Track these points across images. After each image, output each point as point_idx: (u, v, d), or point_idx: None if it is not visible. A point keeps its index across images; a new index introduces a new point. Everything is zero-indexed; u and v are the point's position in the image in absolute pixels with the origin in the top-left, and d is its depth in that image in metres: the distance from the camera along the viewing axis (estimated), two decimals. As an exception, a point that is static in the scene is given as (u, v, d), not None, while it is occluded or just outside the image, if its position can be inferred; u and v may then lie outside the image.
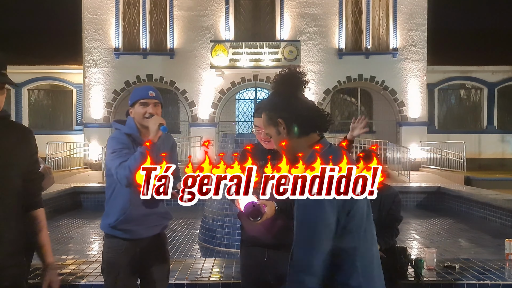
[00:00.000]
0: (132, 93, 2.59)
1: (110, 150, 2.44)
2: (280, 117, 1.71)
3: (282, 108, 1.71)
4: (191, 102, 16.29)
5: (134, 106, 2.52)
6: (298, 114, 1.69)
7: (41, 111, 17.95)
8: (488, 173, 14.08)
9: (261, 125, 2.40)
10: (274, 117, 1.72)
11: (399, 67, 16.21)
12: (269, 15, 16.55)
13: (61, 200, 8.84)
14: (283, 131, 1.71)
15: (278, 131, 1.72)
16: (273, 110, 1.74)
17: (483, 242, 6.54)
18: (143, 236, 2.54)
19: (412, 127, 16.14)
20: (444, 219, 8.30)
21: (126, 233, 2.50)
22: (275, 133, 1.74)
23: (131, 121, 2.54)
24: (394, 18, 16.20)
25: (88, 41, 16.18)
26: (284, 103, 1.72)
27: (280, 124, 1.70)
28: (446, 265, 3.98)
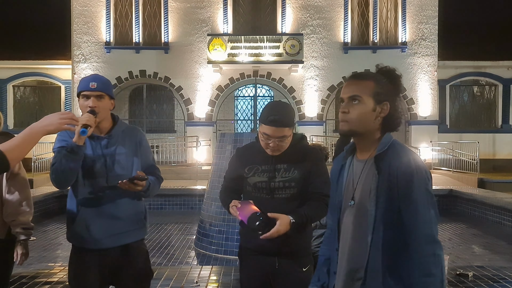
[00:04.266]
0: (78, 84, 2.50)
1: (53, 150, 2.41)
2: (389, 101, 1.78)
3: (394, 97, 1.81)
4: (187, 99, 16.30)
5: (79, 98, 2.45)
6: (399, 115, 1.82)
7: (27, 109, 17.93)
8: (503, 175, 14.07)
9: (274, 134, 2.37)
10: (383, 97, 1.78)
11: (408, 62, 16.21)
12: (270, 7, 16.55)
13: (48, 203, 8.84)
14: (379, 113, 1.77)
15: (374, 108, 1.76)
16: (385, 90, 1.78)
17: (497, 248, 6.54)
18: (106, 246, 2.42)
19: (422, 126, 16.15)
20: (456, 223, 8.30)
21: (85, 242, 2.41)
22: (369, 108, 1.76)
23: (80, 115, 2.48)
24: (403, 10, 16.20)
25: (77, 34, 16.19)
26: (397, 95, 1.83)
27: (384, 106, 1.77)
28: (458, 273, 3.98)
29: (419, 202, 1.67)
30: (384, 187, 1.70)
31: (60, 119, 1.88)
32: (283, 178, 2.45)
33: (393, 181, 1.69)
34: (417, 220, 1.67)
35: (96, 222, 2.39)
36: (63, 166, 2.27)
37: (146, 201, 2.67)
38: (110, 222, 2.41)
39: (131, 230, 2.51)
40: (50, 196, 9.01)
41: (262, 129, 2.42)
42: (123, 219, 2.45)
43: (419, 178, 1.68)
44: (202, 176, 12.37)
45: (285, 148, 2.45)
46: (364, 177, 1.78)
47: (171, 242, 6.78)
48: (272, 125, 2.36)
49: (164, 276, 4.03)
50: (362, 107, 1.76)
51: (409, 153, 1.75)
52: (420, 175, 1.69)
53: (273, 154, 2.46)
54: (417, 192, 1.67)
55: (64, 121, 1.89)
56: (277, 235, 2.24)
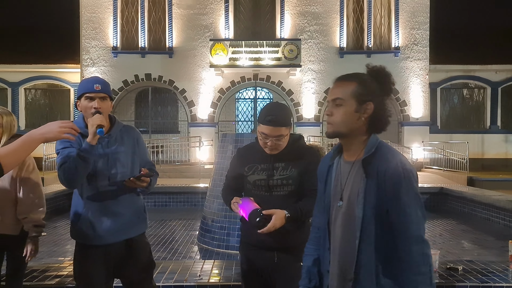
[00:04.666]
0: (79, 85, 2.47)
1: (56, 152, 2.36)
2: (373, 102, 1.72)
3: (378, 97, 1.74)
4: (190, 101, 16.29)
5: (81, 99, 2.41)
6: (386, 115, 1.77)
7: (38, 111, 17.95)
8: (492, 174, 14.08)
9: (271, 133, 2.38)
10: (366, 97, 1.71)
11: (401, 66, 16.21)
12: (269, 14, 16.55)
13: (59, 201, 8.83)
14: (362, 114, 1.71)
15: (357, 109, 1.71)
16: (369, 90, 1.72)
17: (486, 243, 6.54)
18: (111, 242, 2.41)
19: (415, 127, 16.15)
20: (447, 220, 8.29)
21: (90, 239, 2.38)
22: (352, 109, 1.71)
23: (80, 117, 2.46)
24: (396, 16, 16.21)
25: (86, 39, 16.19)
26: (381, 96, 1.75)
27: (367, 106, 1.71)
28: (448, 267, 3.98)
29: (407, 204, 1.65)
30: (372, 189, 1.66)
31: (59, 127, 1.82)
32: (281, 176, 2.45)
33: (381, 184, 1.65)
34: (406, 221, 1.65)
35: (100, 219, 2.38)
36: (77, 166, 2.23)
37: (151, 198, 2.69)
38: (113, 219, 2.41)
39: (133, 225, 2.51)
40: (60, 193, 9.00)
41: (260, 128, 2.42)
42: (125, 215, 2.45)
43: (407, 181, 1.65)
44: (205, 174, 12.37)
45: (282, 147, 2.46)
46: (352, 179, 1.73)
47: (175, 238, 6.77)
48: (269, 125, 2.37)
49: (169, 270, 4.03)
50: (345, 109, 1.71)
51: (396, 156, 1.71)
52: (407, 178, 1.66)
53: (271, 153, 2.47)
54: (405, 195, 1.65)
55: (63, 130, 1.83)
56: (274, 229, 2.27)
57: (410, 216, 1.65)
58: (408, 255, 1.63)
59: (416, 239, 1.65)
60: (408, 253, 1.63)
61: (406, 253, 1.63)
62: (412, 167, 1.71)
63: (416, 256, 1.63)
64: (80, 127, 2.36)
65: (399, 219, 1.65)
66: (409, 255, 1.63)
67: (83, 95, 2.38)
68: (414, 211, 1.66)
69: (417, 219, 1.66)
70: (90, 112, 2.35)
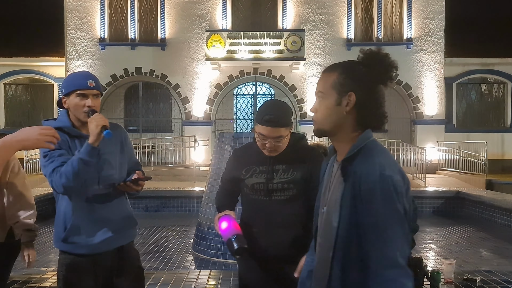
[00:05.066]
0: (67, 80, 2.42)
1: (41, 153, 2.31)
2: (355, 92, 1.60)
3: (365, 87, 1.61)
4: (184, 98, 16.30)
5: (70, 96, 2.36)
6: (376, 106, 1.63)
7: (19, 108, 17.95)
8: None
9: (269, 134, 2.37)
10: (348, 87, 1.60)
11: (414, 60, 16.21)
12: (270, 2, 16.56)
13: (41, 206, 8.82)
14: (344, 107, 1.60)
15: (337, 101, 1.61)
16: (352, 79, 1.61)
17: (506, 252, 6.55)
18: (101, 250, 2.41)
19: (428, 125, 16.16)
20: (464, 227, 8.30)
21: (78, 248, 2.37)
22: (332, 101, 1.62)
23: (64, 114, 2.43)
24: (408, 5, 16.21)
25: (71, 30, 16.20)
26: (369, 84, 1.62)
27: (349, 97, 1.60)
28: (466, 278, 3.98)
29: (379, 217, 1.48)
30: (348, 197, 1.54)
31: (39, 134, 1.75)
32: (282, 179, 2.44)
33: (356, 190, 1.52)
34: (379, 239, 1.48)
35: (90, 225, 2.37)
36: (79, 170, 2.20)
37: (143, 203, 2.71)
38: (103, 225, 2.40)
39: (124, 231, 2.51)
40: (43, 198, 9.00)
41: (257, 128, 2.41)
42: (115, 221, 2.44)
43: (384, 190, 1.48)
44: (200, 177, 12.37)
45: (282, 149, 2.45)
46: (334, 183, 1.65)
47: (168, 246, 6.78)
48: (267, 125, 2.35)
49: (161, 281, 4.04)
50: (325, 102, 1.63)
51: (380, 157, 1.55)
52: (385, 186, 1.48)
53: (270, 155, 2.46)
54: (381, 206, 1.48)
55: (44, 137, 1.76)
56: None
57: (382, 233, 1.48)
58: (377, 279, 1.47)
59: (387, 261, 1.47)
60: (377, 277, 1.47)
61: (375, 276, 1.48)
62: (395, 174, 1.52)
63: (386, 282, 1.46)
64: (66, 126, 2.36)
65: (368, 234, 1.50)
66: (379, 279, 1.47)
67: (73, 92, 2.35)
68: (390, 227, 1.48)
69: (391, 237, 1.47)
70: (83, 110, 2.33)
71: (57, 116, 2.46)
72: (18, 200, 3.08)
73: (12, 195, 3.08)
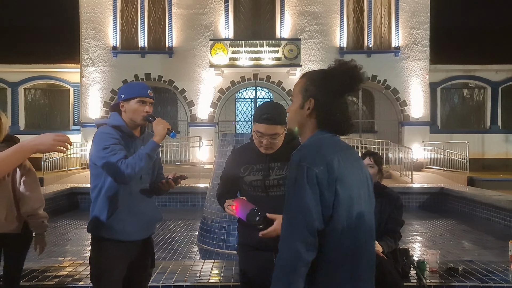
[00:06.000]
0: (127, 88, 2.55)
1: (101, 146, 2.37)
2: (315, 99, 1.66)
3: (325, 94, 1.65)
4: (190, 101, 16.29)
5: (129, 101, 2.49)
6: (333, 112, 1.66)
7: (38, 111, 17.94)
8: (492, 174, 14.08)
9: (266, 132, 2.39)
10: (310, 92, 1.67)
11: (401, 66, 16.21)
12: (269, 13, 16.55)
13: (58, 201, 8.83)
14: (306, 110, 1.68)
15: (302, 105, 1.69)
16: (315, 86, 1.67)
17: (486, 243, 6.54)
18: (135, 238, 2.50)
19: (415, 127, 16.14)
20: (447, 220, 8.30)
21: (118, 234, 2.44)
22: (298, 105, 1.70)
23: (117, 115, 2.52)
24: (396, 16, 16.20)
25: (86, 39, 16.19)
26: (331, 92, 1.66)
27: (309, 103, 1.67)
28: (449, 267, 3.97)
29: (291, 203, 1.58)
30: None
31: (53, 140, 1.80)
32: (277, 176, 2.45)
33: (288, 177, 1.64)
34: (284, 222, 1.58)
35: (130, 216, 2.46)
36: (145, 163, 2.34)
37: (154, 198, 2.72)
38: (139, 217, 2.50)
39: (152, 224, 2.66)
40: (60, 194, 9.00)
41: (255, 127, 2.43)
42: (149, 213, 2.57)
43: (298, 175, 1.55)
44: (205, 174, 12.37)
45: (278, 146, 2.46)
46: None
47: (175, 238, 6.77)
48: (265, 123, 2.38)
49: (168, 270, 4.03)
50: (293, 105, 1.73)
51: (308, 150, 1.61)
52: (299, 172, 1.55)
53: (267, 152, 2.47)
54: (291, 190, 1.58)
55: (57, 143, 1.81)
56: (275, 234, 2.24)
57: (289, 217, 1.57)
58: (277, 262, 1.56)
59: (287, 246, 1.54)
60: (277, 260, 1.56)
61: (277, 258, 1.57)
62: (315, 165, 1.54)
63: (279, 268, 1.54)
64: (122, 125, 2.49)
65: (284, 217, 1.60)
66: (277, 263, 1.56)
67: (134, 98, 2.49)
68: (294, 213, 1.55)
69: (294, 225, 1.54)
70: (142, 115, 2.48)
71: (110, 117, 2.56)
72: (32, 194, 3.13)
73: (28, 189, 3.12)
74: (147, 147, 2.36)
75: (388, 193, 3.52)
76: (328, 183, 1.54)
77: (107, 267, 2.43)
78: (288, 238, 1.55)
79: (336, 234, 1.56)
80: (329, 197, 1.54)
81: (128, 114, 2.50)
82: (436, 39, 16.35)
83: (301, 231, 1.52)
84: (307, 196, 1.53)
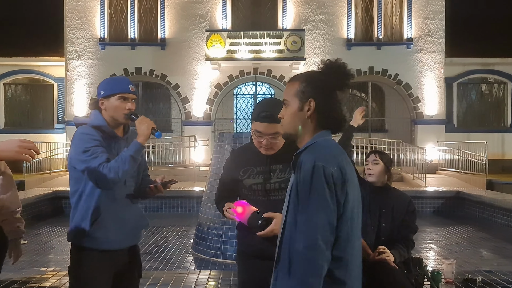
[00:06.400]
0: (106, 84, 2.52)
1: (80, 148, 2.37)
2: (314, 99, 1.80)
3: (323, 94, 1.81)
4: (184, 97, 16.30)
5: (110, 98, 2.47)
6: (332, 111, 1.82)
7: (19, 108, 17.94)
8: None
9: (266, 131, 2.39)
10: (308, 94, 1.81)
11: (414, 59, 16.21)
12: (270, 2, 16.56)
13: (41, 205, 8.83)
14: (306, 112, 1.80)
15: (300, 107, 1.81)
16: (312, 87, 1.81)
17: (506, 252, 6.54)
18: (119, 247, 2.49)
19: (429, 125, 16.15)
20: (464, 227, 8.30)
21: (100, 243, 2.43)
22: (295, 108, 1.82)
23: (98, 114, 2.50)
24: (408, 5, 16.21)
25: (71, 30, 16.19)
26: (328, 91, 1.82)
27: (309, 103, 1.80)
28: (466, 278, 3.98)
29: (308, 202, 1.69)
30: (294, 186, 1.76)
31: (18, 147, 1.78)
32: (279, 179, 2.45)
33: (298, 177, 1.74)
34: (303, 220, 1.69)
35: (113, 223, 2.45)
36: (129, 166, 2.33)
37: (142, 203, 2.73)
38: (124, 224, 2.49)
39: (138, 231, 2.65)
40: (43, 198, 9.00)
41: (254, 126, 2.43)
42: (133, 220, 2.56)
43: (317, 174, 1.68)
44: (200, 177, 12.38)
45: (279, 147, 2.46)
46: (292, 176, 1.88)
47: (168, 246, 6.77)
48: (264, 121, 2.38)
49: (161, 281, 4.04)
50: (289, 109, 1.84)
51: (320, 151, 1.75)
52: (316, 173, 1.68)
53: (267, 153, 2.47)
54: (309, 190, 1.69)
55: (22, 150, 1.79)
56: (272, 234, 2.27)
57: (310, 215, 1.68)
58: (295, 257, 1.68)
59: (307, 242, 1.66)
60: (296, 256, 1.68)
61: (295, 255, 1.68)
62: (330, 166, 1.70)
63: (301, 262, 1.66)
64: (103, 125, 2.47)
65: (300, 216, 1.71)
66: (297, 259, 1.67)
67: (115, 95, 2.47)
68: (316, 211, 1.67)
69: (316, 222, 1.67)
70: (123, 112, 2.46)
71: (91, 115, 2.53)
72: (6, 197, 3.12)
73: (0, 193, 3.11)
74: (131, 149, 2.35)
75: (399, 196, 3.52)
76: (341, 183, 1.71)
77: (88, 279, 2.42)
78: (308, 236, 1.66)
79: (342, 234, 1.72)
80: (341, 197, 1.71)
81: (109, 112, 2.48)
82: (452, 30, 16.35)
83: (323, 228, 1.67)
84: (327, 194, 1.68)
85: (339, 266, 1.72)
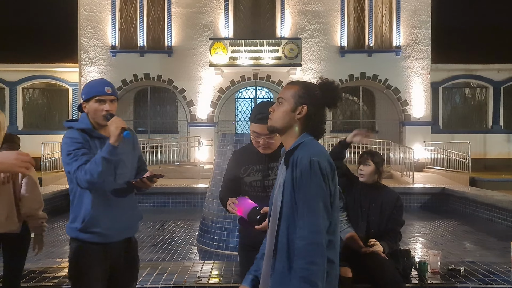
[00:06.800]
0: (86, 87, 2.48)
1: (65, 151, 2.35)
2: (308, 105, 1.88)
3: (316, 105, 1.90)
4: (189, 101, 16.29)
5: (89, 102, 2.43)
6: (319, 121, 1.92)
7: (36, 111, 17.94)
8: (494, 174, 14.07)
9: (262, 131, 2.40)
10: (304, 100, 1.88)
11: (402, 66, 16.21)
12: (269, 12, 16.55)
13: (57, 201, 8.83)
14: (297, 114, 1.89)
15: (293, 109, 1.89)
16: (308, 95, 1.90)
17: (488, 244, 6.54)
18: (113, 240, 2.46)
19: (416, 126, 16.15)
20: (449, 221, 8.29)
21: (94, 237, 2.41)
22: (289, 108, 1.89)
23: (85, 117, 2.48)
24: (397, 15, 16.20)
25: (84, 38, 16.19)
26: (321, 104, 1.92)
27: (302, 108, 1.88)
28: (450, 268, 3.97)
29: (307, 192, 1.77)
30: (289, 180, 1.82)
31: (15, 159, 1.75)
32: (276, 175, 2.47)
33: (294, 172, 1.81)
34: (304, 209, 1.76)
35: (105, 217, 2.42)
36: (103, 167, 2.27)
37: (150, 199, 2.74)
38: (117, 218, 2.45)
39: (133, 224, 2.59)
40: (58, 194, 9.01)
41: (251, 127, 2.46)
42: (126, 214, 2.51)
43: (312, 170, 1.77)
44: (204, 175, 12.37)
45: (275, 146, 2.48)
46: (279, 172, 1.96)
47: (174, 238, 6.77)
48: (260, 123, 2.40)
49: (168, 271, 4.03)
50: (283, 107, 1.91)
51: (312, 148, 1.84)
52: (313, 167, 1.77)
53: (265, 152, 2.49)
54: (308, 182, 1.77)
55: (20, 163, 1.75)
56: None
57: (309, 204, 1.76)
58: (303, 241, 1.73)
59: (312, 227, 1.73)
60: (303, 239, 1.74)
61: (301, 239, 1.74)
62: (323, 160, 1.80)
63: (309, 244, 1.72)
64: (88, 128, 2.43)
65: (300, 205, 1.78)
66: (304, 241, 1.73)
67: (93, 98, 2.42)
68: (314, 199, 1.76)
69: (316, 208, 1.76)
70: (101, 114, 2.40)
71: (79, 118, 2.51)
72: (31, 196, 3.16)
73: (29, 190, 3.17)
74: (104, 151, 2.30)
75: (388, 193, 3.53)
76: (332, 175, 1.83)
77: (84, 271, 2.41)
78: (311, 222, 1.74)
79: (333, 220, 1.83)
80: (332, 187, 1.83)
81: (91, 115, 2.44)
82: (438, 38, 16.34)
83: (322, 216, 1.76)
84: (323, 185, 1.78)
85: (331, 248, 1.80)
